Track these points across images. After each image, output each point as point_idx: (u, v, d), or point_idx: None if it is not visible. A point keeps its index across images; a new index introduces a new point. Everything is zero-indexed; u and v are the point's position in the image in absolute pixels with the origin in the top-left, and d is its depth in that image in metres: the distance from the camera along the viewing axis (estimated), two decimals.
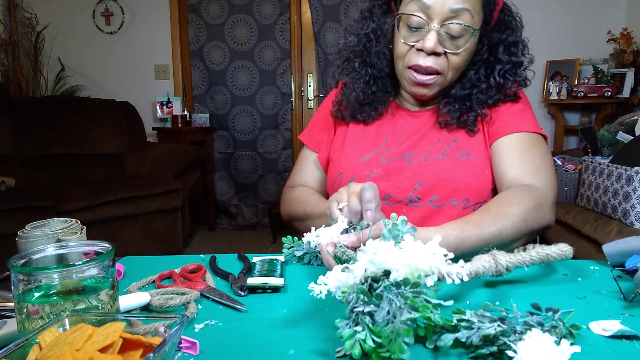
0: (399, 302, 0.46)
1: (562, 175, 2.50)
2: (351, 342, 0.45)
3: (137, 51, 3.80)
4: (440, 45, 0.84)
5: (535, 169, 0.85)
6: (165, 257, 0.85)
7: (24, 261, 0.50)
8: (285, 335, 0.54)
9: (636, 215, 1.90)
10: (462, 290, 0.66)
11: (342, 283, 0.48)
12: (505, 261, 0.59)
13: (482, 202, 0.91)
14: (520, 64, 0.94)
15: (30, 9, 3.63)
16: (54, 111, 3.25)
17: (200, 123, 3.71)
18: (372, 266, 0.47)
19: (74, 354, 0.38)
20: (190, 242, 3.45)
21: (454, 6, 0.82)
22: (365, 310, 0.46)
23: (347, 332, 0.46)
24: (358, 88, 0.97)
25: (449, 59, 0.86)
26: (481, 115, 0.93)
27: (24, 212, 2.44)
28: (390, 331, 0.45)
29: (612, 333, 0.51)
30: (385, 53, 0.94)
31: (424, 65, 0.86)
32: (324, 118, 1.08)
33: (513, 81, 0.93)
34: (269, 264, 0.75)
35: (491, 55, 0.92)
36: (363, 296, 0.47)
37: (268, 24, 3.74)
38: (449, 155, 0.92)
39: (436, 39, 0.83)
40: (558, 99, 3.31)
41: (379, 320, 0.46)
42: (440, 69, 0.86)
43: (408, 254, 0.46)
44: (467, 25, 0.83)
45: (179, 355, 0.50)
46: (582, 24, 3.44)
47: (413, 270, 0.46)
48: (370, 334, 0.45)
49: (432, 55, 0.85)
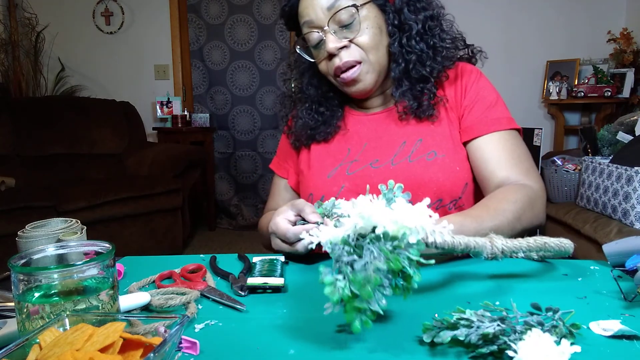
0: (377, 253, 0.47)
1: (562, 175, 2.50)
2: (330, 288, 0.47)
3: (137, 51, 3.80)
4: (340, 40, 0.86)
5: (525, 171, 0.87)
6: (165, 257, 0.85)
7: (24, 261, 0.50)
8: (285, 335, 0.54)
9: (636, 215, 1.90)
10: (462, 289, 0.66)
11: (334, 237, 0.49)
12: (501, 244, 0.59)
13: (457, 198, 0.90)
14: (432, 17, 0.90)
15: (30, 9, 3.63)
16: (54, 111, 3.25)
17: (200, 123, 3.71)
18: (360, 221, 0.49)
19: (74, 354, 0.38)
20: (190, 242, 3.45)
21: (326, 4, 0.85)
22: (347, 260, 0.48)
23: (328, 278, 0.47)
24: (305, 115, 1.00)
25: (359, 43, 0.87)
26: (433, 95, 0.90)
27: (24, 212, 2.44)
28: (362, 277, 0.46)
29: (612, 333, 0.51)
30: (316, 76, 0.99)
31: (341, 64, 0.87)
32: (285, 145, 1.10)
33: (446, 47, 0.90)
34: (269, 264, 0.75)
35: (402, 23, 0.89)
36: (347, 247, 0.48)
37: (268, 24, 3.74)
38: (416, 157, 0.90)
39: (333, 37, 0.86)
40: (558, 99, 3.31)
41: (357, 268, 0.47)
42: (356, 58, 0.87)
43: (396, 211, 0.48)
44: (347, 7, 0.85)
45: (179, 355, 0.50)
46: (582, 24, 3.44)
47: (399, 227, 0.48)
48: (348, 284, 0.47)
49: (342, 51, 0.87)
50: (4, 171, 2.87)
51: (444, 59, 0.90)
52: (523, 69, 3.49)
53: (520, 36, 3.37)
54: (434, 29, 0.90)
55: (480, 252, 0.58)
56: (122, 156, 3.37)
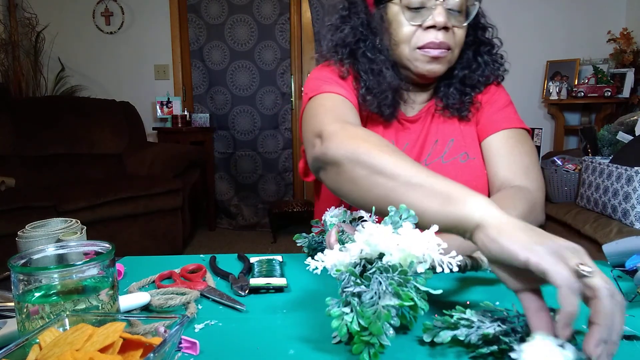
0: (385, 285, 0.46)
1: (562, 175, 2.50)
2: (338, 322, 0.46)
3: (137, 51, 3.80)
4: (447, 20, 0.83)
5: (524, 169, 0.87)
6: (165, 257, 0.85)
7: (24, 261, 0.50)
8: (285, 335, 0.54)
9: (636, 215, 1.90)
10: (462, 290, 0.66)
11: (339, 262, 0.49)
12: None
13: None
14: (493, 45, 0.96)
15: (30, 9, 3.63)
16: (54, 111, 3.25)
17: (200, 123, 3.71)
18: (367, 247, 0.48)
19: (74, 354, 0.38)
20: (190, 242, 3.45)
21: None
22: (355, 291, 0.47)
23: (335, 311, 0.46)
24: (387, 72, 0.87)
25: (455, 34, 0.86)
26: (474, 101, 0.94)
27: (24, 212, 2.44)
28: (373, 312, 0.45)
29: None
30: (378, 47, 0.88)
31: (438, 41, 0.83)
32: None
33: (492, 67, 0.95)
34: (267, 264, 0.75)
35: (475, 36, 0.93)
36: (354, 277, 0.48)
37: (268, 24, 3.74)
38: (449, 158, 0.92)
39: (444, 12, 0.82)
40: (558, 99, 3.31)
41: (365, 301, 0.46)
42: (451, 44, 0.85)
43: (403, 238, 0.47)
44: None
45: (179, 355, 0.50)
46: (582, 24, 3.44)
47: (406, 255, 0.47)
48: (356, 317, 0.46)
49: (442, 31, 0.84)
50: (4, 171, 2.87)
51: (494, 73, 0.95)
52: (523, 69, 3.49)
53: (520, 36, 3.37)
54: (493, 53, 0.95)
55: (487, 268, 0.58)
56: (122, 156, 3.37)
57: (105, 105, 3.44)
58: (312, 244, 0.79)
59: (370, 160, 0.61)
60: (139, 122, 3.56)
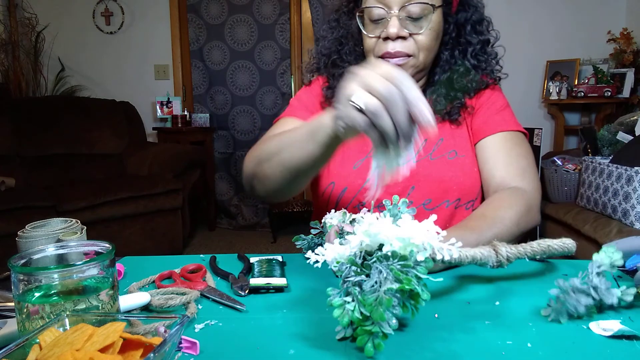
0: (385, 272, 0.46)
1: (562, 175, 2.50)
2: (340, 311, 0.46)
3: (137, 51, 3.80)
4: (403, 29, 0.86)
5: (520, 171, 0.88)
6: (165, 257, 0.85)
7: (24, 261, 0.50)
8: (285, 335, 0.54)
9: (636, 215, 1.90)
10: (462, 290, 0.66)
11: (339, 255, 0.49)
12: (505, 252, 0.59)
13: (473, 200, 0.93)
14: (488, 41, 0.96)
15: (30, 9, 3.63)
16: (54, 111, 3.25)
17: (200, 123, 3.71)
18: (367, 238, 0.48)
19: (74, 354, 0.38)
20: (190, 242, 3.45)
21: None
22: (356, 281, 0.47)
23: (337, 300, 0.47)
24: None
25: (417, 41, 0.87)
26: (463, 105, 0.94)
27: (24, 212, 2.44)
28: (374, 299, 0.45)
29: (612, 333, 0.51)
30: (356, 52, 0.97)
31: (393, 51, 0.87)
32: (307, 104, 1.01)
33: (485, 68, 0.95)
34: (267, 264, 0.75)
35: (461, 37, 0.94)
36: (354, 267, 0.48)
37: (268, 24, 3.74)
38: (437, 155, 0.93)
39: (398, 23, 0.85)
40: (558, 99, 3.31)
41: (367, 289, 0.46)
42: (409, 51, 0.87)
43: (402, 229, 0.47)
44: (424, 3, 0.84)
45: (179, 355, 0.50)
46: (582, 24, 3.44)
47: (406, 244, 0.47)
48: (358, 305, 0.46)
49: (399, 40, 0.86)
50: (4, 171, 2.87)
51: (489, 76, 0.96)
52: (523, 69, 3.49)
53: (520, 36, 3.37)
54: (486, 53, 0.95)
55: (486, 263, 0.59)
56: (122, 156, 3.37)
57: (105, 105, 3.44)
58: (311, 246, 0.79)
59: (259, 154, 0.80)
60: (139, 122, 3.56)
